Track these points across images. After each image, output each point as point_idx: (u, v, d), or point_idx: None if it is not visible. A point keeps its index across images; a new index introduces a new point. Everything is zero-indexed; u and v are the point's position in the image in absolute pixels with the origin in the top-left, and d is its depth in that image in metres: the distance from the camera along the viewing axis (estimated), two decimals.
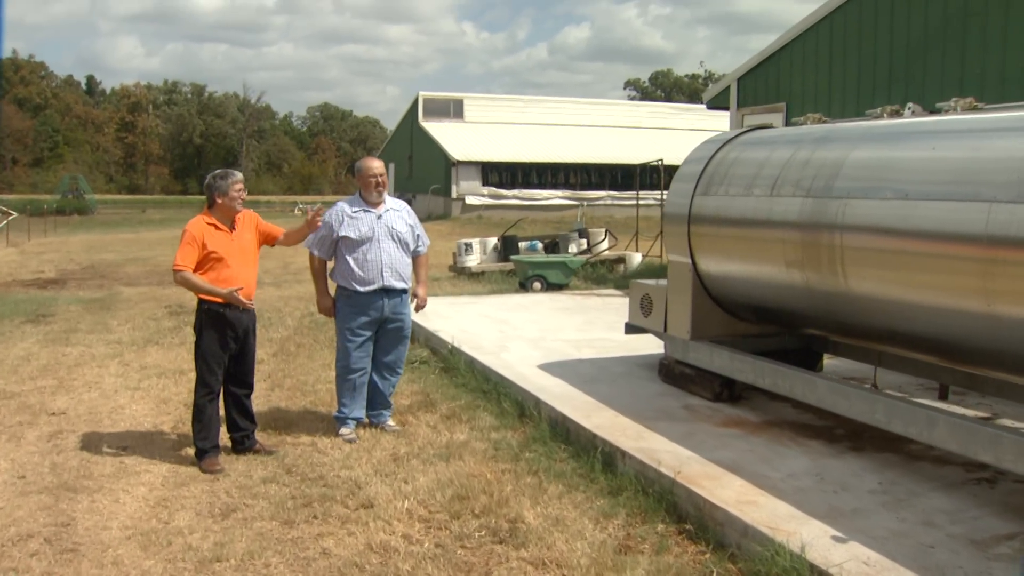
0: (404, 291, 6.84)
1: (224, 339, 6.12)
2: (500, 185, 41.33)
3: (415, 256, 6.94)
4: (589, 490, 5.49)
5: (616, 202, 40.23)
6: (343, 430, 6.68)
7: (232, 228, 6.19)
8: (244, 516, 5.19)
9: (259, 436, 6.49)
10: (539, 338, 9.59)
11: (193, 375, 6.27)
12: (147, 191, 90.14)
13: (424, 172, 44.65)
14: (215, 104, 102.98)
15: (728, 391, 7.00)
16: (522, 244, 16.77)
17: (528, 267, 14.50)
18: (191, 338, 6.34)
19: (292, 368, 8.97)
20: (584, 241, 17.07)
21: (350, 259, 6.64)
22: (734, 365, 6.68)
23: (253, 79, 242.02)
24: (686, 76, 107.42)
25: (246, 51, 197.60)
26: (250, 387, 6.43)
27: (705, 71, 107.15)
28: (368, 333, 6.74)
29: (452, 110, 46.12)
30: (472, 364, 8.40)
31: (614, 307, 12.12)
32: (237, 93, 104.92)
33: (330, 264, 6.87)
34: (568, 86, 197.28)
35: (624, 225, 25.37)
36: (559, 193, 41.83)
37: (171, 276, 6.31)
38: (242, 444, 6.33)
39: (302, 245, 6.79)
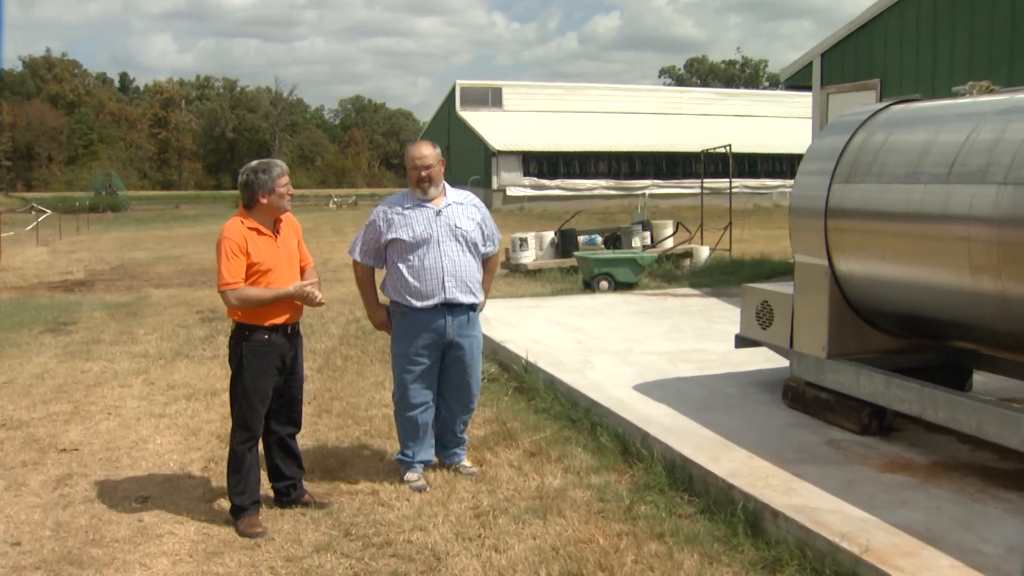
0: (473, 307, 5.51)
1: (270, 371, 4.92)
2: (541, 175, 40.09)
3: (484, 259, 5.65)
4: (735, 562, 4.25)
5: (662, 190, 38.76)
6: (409, 475, 5.44)
7: (276, 232, 4.98)
8: None
9: (307, 482, 5.29)
10: (625, 350, 8.28)
11: (227, 396, 5.10)
12: (180, 187, 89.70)
13: (463, 163, 43.35)
14: (247, 99, 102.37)
15: (878, 422, 5.71)
16: (581, 238, 15.46)
17: (593, 264, 13.16)
18: (224, 351, 5.16)
19: (340, 388, 7.77)
20: (648, 234, 15.66)
21: (403, 267, 5.34)
22: (892, 392, 5.38)
23: (285, 73, 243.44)
24: (722, 63, 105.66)
25: (278, 46, 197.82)
26: (298, 425, 5.25)
27: (742, 57, 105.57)
28: (428, 360, 5.40)
29: (491, 99, 44.83)
30: (553, 384, 7.14)
31: (696, 309, 10.82)
32: (269, 87, 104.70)
33: (381, 274, 5.63)
34: (599, 75, 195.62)
35: (672, 215, 24.05)
36: (603, 183, 40.60)
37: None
38: (288, 495, 5.13)
39: (346, 251, 5.57)
